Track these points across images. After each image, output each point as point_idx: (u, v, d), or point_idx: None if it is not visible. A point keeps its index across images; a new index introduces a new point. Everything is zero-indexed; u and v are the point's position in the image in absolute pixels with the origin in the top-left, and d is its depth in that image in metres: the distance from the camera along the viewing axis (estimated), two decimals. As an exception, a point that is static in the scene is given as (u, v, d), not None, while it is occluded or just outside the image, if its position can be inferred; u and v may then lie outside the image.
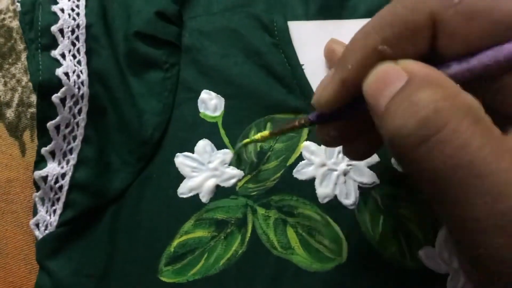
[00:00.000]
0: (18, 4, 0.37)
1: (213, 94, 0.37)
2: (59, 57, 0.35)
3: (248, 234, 0.35)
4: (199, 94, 0.37)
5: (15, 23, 0.42)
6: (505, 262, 0.18)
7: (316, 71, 0.38)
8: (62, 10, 0.36)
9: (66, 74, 0.34)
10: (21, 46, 0.41)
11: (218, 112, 0.37)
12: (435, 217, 0.35)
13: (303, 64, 0.38)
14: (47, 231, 0.35)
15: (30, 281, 0.37)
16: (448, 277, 0.34)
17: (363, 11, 0.40)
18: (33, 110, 0.40)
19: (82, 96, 0.35)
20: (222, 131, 0.37)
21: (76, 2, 0.36)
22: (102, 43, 0.37)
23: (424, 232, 0.35)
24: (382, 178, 0.36)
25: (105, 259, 0.35)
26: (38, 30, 0.35)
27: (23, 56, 0.41)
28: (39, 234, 0.35)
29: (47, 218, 0.35)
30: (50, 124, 0.34)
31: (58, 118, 0.34)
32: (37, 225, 0.35)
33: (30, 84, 0.40)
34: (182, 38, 0.39)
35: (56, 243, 0.35)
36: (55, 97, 0.34)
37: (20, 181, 0.39)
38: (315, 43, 0.39)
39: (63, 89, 0.34)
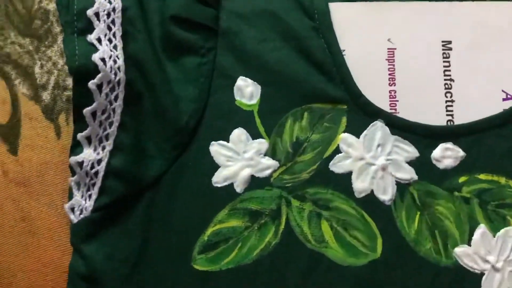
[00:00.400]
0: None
1: (249, 81, 0.37)
2: (95, 42, 0.34)
3: (282, 226, 0.35)
4: (235, 81, 0.37)
5: (52, 6, 0.41)
6: None
7: (357, 58, 0.37)
8: (98, -8, 0.35)
9: (103, 59, 0.34)
10: (57, 28, 0.41)
11: (254, 100, 0.37)
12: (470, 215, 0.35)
13: (344, 50, 0.37)
14: (82, 216, 0.35)
15: (63, 262, 0.38)
16: (483, 276, 0.34)
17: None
18: (68, 93, 0.40)
19: (118, 82, 0.35)
20: (257, 120, 0.36)
21: (112, -16, 0.35)
22: (138, 26, 0.36)
23: (461, 231, 0.35)
24: (421, 174, 0.35)
25: (139, 245, 0.35)
26: (73, 14, 0.34)
27: (59, 39, 0.40)
28: (74, 218, 0.35)
29: (83, 203, 0.35)
30: (87, 111, 0.34)
31: (94, 105, 0.34)
32: (72, 209, 0.35)
33: (66, 67, 0.40)
34: (219, 21, 0.37)
35: (91, 228, 0.35)
36: (91, 84, 0.33)
37: (55, 164, 0.39)
38: (358, 27, 0.38)
39: (99, 75, 0.34)
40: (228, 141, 0.36)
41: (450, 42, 0.37)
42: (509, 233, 0.34)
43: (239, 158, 0.36)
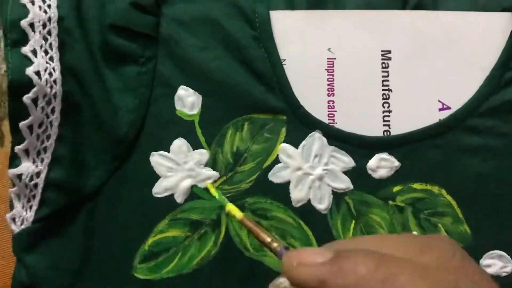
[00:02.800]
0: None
1: (190, 90, 0.37)
2: (29, 54, 0.34)
3: (222, 235, 0.36)
4: (176, 90, 0.37)
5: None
6: None
7: (298, 68, 0.37)
8: (33, 2, 0.34)
9: (37, 73, 0.33)
10: None
11: (195, 110, 0.37)
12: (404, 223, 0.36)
13: (284, 60, 0.37)
14: (23, 226, 0.35)
15: (7, 270, 0.38)
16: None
17: (352, 4, 0.38)
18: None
19: (55, 95, 0.34)
20: (198, 130, 0.37)
21: (47, -7, 0.35)
22: (75, 36, 0.35)
23: (394, 238, 0.36)
24: (356, 184, 0.36)
25: (80, 254, 0.36)
26: (6, 25, 0.34)
27: (2, 43, 0.39)
28: (15, 228, 0.36)
29: (23, 214, 0.35)
30: (23, 124, 0.34)
31: (30, 119, 0.34)
32: (13, 219, 0.36)
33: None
34: (159, 28, 0.37)
35: (33, 238, 0.35)
36: (26, 98, 0.33)
37: (-1, 171, 0.39)
38: (299, 36, 0.38)
39: (34, 89, 0.33)
40: (168, 151, 0.36)
41: (389, 52, 0.37)
42: (440, 240, 0.36)
43: (179, 169, 0.36)
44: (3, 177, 0.39)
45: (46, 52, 0.34)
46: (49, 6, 0.34)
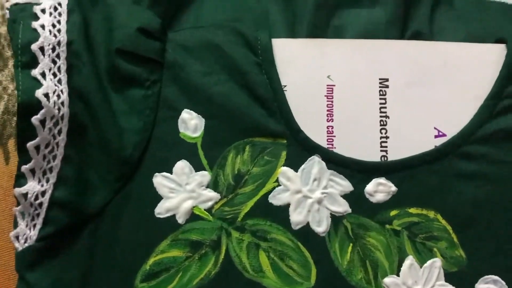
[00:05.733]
0: (7, 11, 0.37)
1: (193, 114, 0.38)
2: (39, 77, 0.35)
3: (222, 256, 0.36)
4: (179, 113, 0.38)
5: (3, 29, 0.41)
6: None
7: (298, 94, 0.38)
8: (43, 27, 0.35)
9: (46, 95, 0.34)
10: (8, 52, 0.41)
11: (198, 133, 0.38)
12: (400, 247, 0.37)
13: (285, 86, 0.38)
14: (26, 244, 0.36)
15: (9, 286, 0.39)
16: (410, 305, 0.36)
17: (351, 33, 0.40)
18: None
19: (62, 117, 0.35)
20: (201, 152, 0.37)
21: (58, 17, 0.36)
22: (83, 59, 0.36)
23: (390, 261, 0.37)
24: (354, 207, 0.37)
25: (82, 274, 0.36)
26: (18, 48, 0.35)
27: (10, 63, 0.41)
28: (18, 246, 0.36)
29: (27, 232, 0.36)
30: (30, 145, 0.35)
31: (37, 139, 0.35)
32: (17, 237, 0.36)
33: (16, 92, 0.40)
34: (165, 53, 0.38)
35: (35, 256, 0.36)
36: (34, 119, 0.34)
37: (3, 189, 0.40)
38: (299, 63, 0.39)
39: (43, 110, 0.34)
40: (171, 172, 0.37)
41: (387, 80, 0.39)
42: (435, 264, 0.37)
43: (181, 190, 0.37)
44: (8, 195, 0.40)
45: (54, 75, 0.35)
46: (59, 30, 0.36)
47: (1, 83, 0.41)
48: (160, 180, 0.37)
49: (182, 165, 0.37)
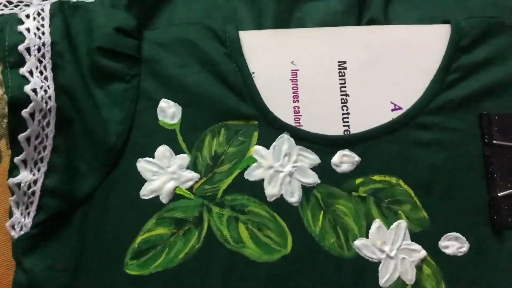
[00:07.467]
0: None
1: (171, 102, 0.41)
2: (27, 74, 0.38)
3: (204, 231, 0.39)
4: (158, 103, 0.41)
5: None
6: None
7: (265, 79, 0.42)
8: (28, 30, 0.39)
9: (34, 90, 0.37)
10: (-4, 58, 0.44)
11: (176, 120, 0.41)
12: (367, 212, 0.40)
13: (253, 73, 0.42)
14: (22, 232, 0.39)
15: (9, 276, 0.41)
16: (380, 264, 0.39)
17: (311, 24, 0.44)
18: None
19: (50, 110, 0.38)
20: (179, 137, 0.41)
21: (41, 22, 0.39)
22: (67, 58, 0.40)
23: (359, 226, 0.40)
24: (323, 178, 0.40)
25: (76, 255, 0.39)
26: (5, 50, 0.38)
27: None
28: (15, 234, 0.39)
29: (22, 220, 0.39)
30: (21, 136, 0.38)
31: (28, 131, 0.38)
32: (13, 226, 0.39)
33: (5, 96, 0.43)
34: (141, 50, 0.42)
35: (31, 242, 0.39)
36: (24, 112, 0.37)
37: (-1, 186, 0.42)
38: (265, 52, 0.43)
39: (31, 104, 0.37)
40: (153, 157, 0.40)
41: (345, 62, 0.42)
42: (400, 225, 0.40)
43: (163, 173, 0.40)
44: (2, 191, 0.42)
45: (41, 73, 0.39)
46: (43, 33, 0.39)
47: (-9, 88, 0.44)
48: (143, 165, 0.40)
49: (163, 150, 0.40)
